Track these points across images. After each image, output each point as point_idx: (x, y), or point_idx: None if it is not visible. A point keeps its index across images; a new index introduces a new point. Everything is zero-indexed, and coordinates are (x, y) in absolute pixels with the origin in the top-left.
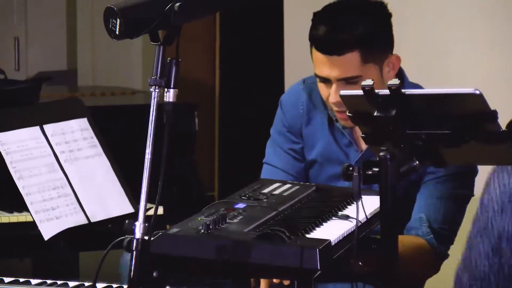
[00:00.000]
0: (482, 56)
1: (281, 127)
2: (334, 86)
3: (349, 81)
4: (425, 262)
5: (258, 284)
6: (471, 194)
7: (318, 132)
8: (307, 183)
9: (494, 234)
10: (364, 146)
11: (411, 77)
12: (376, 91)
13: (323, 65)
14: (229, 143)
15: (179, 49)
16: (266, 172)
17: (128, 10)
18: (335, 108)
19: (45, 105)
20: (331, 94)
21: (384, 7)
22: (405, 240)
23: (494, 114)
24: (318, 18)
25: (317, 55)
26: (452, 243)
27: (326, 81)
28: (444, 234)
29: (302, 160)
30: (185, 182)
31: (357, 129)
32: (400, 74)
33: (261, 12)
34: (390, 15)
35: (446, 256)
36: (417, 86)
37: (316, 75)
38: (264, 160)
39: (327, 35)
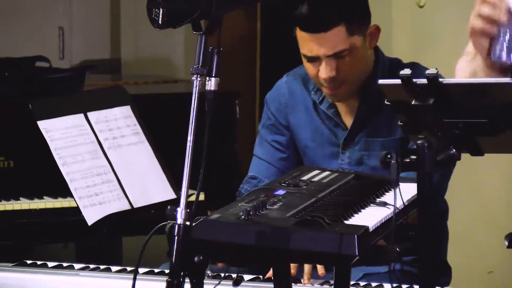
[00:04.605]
0: None
1: (266, 120)
2: (324, 63)
3: (338, 56)
4: None
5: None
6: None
7: (304, 119)
8: (346, 171)
9: None
10: (348, 124)
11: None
12: (414, 80)
13: (311, 44)
14: None
15: (220, 38)
16: (253, 163)
17: (171, 0)
18: (325, 84)
19: (89, 93)
20: (322, 70)
21: None
22: None
23: None
24: None
25: (303, 35)
26: (437, 206)
27: (315, 59)
28: None
29: (285, 152)
30: (226, 169)
31: (340, 108)
32: (376, 48)
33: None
34: None
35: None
36: (396, 60)
37: (303, 56)
38: (253, 152)
39: (311, 13)
